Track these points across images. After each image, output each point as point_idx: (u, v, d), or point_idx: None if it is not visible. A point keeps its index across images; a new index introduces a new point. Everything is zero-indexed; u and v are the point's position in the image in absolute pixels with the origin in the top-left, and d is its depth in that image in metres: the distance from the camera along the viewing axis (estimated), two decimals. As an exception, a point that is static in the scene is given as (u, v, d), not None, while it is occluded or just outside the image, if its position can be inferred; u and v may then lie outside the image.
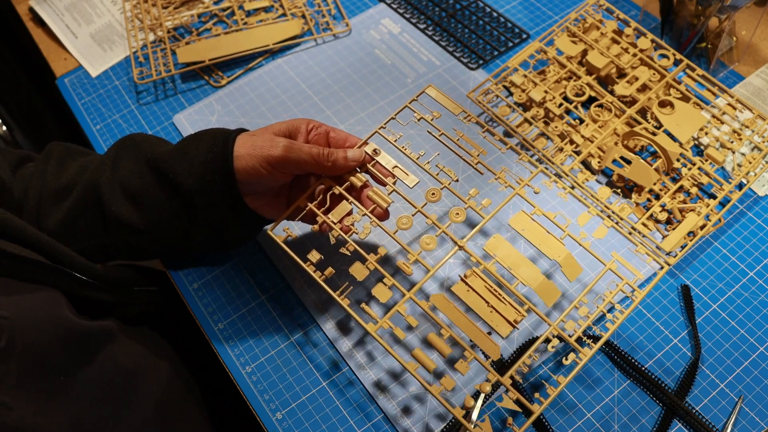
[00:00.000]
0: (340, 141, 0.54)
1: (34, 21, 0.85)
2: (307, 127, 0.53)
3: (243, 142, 0.50)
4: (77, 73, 0.79)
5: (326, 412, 0.53)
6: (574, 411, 0.52)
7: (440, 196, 0.53)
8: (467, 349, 0.47)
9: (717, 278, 0.57)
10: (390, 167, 0.53)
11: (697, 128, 0.61)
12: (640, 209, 0.60)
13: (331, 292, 0.50)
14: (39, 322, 0.43)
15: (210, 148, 0.50)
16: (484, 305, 0.48)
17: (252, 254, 0.62)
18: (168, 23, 0.80)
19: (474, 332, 0.47)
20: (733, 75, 0.70)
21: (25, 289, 0.44)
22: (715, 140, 0.62)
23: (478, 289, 0.49)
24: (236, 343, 0.57)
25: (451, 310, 0.48)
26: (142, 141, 0.54)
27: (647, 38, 0.66)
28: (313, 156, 0.50)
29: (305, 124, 0.53)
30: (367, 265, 0.50)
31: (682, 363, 0.53)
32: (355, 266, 0.50)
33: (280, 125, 0.52)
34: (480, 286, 0.49)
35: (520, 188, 0.54)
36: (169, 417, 0.54)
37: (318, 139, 0.53)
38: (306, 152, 0.50)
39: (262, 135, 0.50)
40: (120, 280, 0.57)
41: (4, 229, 0.45)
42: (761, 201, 0.61)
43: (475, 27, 0.77)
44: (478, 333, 0.47)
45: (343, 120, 0.70)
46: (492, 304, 0.48)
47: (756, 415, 0.50)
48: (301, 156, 0.49)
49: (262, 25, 0.79)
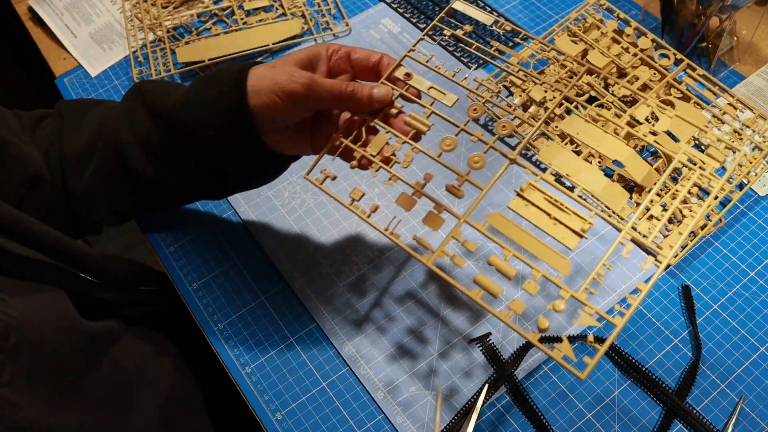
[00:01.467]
0: (363, 61, 0.50)
1: (34, 21, 0.85)
2: (327, 53, 0.49)
3: (260, 75, 0.46)
4: (77, 72, 0.79)
5: (326, 412, 0.53)
6: (575, 411, 0.51)
7: (482, 111, 0.48)
8: (534, 267, 0.43)
9: (718, 278, 0.57)
10: (425, 88, 0.50)
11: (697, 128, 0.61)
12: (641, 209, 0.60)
13: (380, 229, 0.45)
14: (46, 322, 0.43)
15: (223, 91, 0.47)
16: (546, 218, 0.44)
17: (252, 254, 0.62)
18: (168, 23, 0.80)
19: (539, 248, 0.43)
20: (733, 75, 0.70)
21: (31, 288, 0.44)
22: (716, 140, 0.62)
23: (537, 202, 0.45)
24: (236, 343, 0.57)
25: (511, 229, 0.44)
26: (150, 92, 0.51)
27: (648, 38, 0.66)
28: (334, 95, 0.47)
29: (325, 49, 0.49)
30: (414, 195, 0.46)
31: (682, 363, 0.53)
32: (401, 198, 0.46)
33: (300, 53, 0.48)
34: (539, 198, 0.45)
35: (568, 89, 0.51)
36: (171, 417, 0.54)
37: (340, 63, 0.50)
38: (327, 89, 0.46)
39: (282, 67, 0.47)
40: (125, 279, 0.57)
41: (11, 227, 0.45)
42: (762, 201, 0.61)
43: (475, 27, 0.77)
44: (544, 248, 0.43)
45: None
46: (554, 216, 0.44)
47: (757, 415, 0.50)
48: (322, 93, 0.46)
49: (262, 24, 0.78)
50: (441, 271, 0.44)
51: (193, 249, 0.62)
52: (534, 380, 0.53)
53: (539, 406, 0.52)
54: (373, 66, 0.51)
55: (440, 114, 0.49)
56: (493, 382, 0.52)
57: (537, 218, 0.45)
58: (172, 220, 0.64)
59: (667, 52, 0.65)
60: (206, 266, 0.61)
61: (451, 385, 0.53)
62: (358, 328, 0.56)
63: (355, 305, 0.58)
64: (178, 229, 0.64)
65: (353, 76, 0.52)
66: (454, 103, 0.49)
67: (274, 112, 0.46)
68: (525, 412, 0.51)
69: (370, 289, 0.58)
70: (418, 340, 0.55)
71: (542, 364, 0.54)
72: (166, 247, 0.63)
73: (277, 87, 0.45)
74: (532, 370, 0.53)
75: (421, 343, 0.55)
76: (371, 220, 0.46)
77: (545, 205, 0.45)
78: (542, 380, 0.53)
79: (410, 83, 0.50)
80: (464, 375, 0.53)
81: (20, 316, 0.40)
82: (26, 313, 0.41)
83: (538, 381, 0.53)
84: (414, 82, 0.50)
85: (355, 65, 0.51)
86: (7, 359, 0.38)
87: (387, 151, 0.48)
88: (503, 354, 0.54)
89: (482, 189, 0.46)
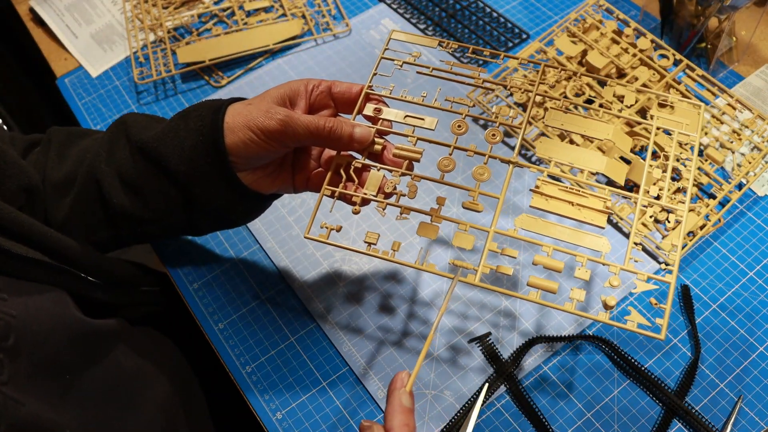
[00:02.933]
0: (344, 93, 0.49)
1: (35, 21, 0.85)
2: (307, 89, 0.48)
3: (236, 113, 0.46)
4: (77, 73, 0.79)
5: (326, 412, 0.53)
6: (574, 411, 0.52)
7: (466, 127, 0.48)
8: (577, 255, 0.44)
9: (717, 278, 0.57)
10: (401, 119, 0.48)
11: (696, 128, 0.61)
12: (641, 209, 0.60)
13: (413, 266, 0.44)
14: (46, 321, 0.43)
15: (198, 128, 0.46)
16: (569, 207, 0.45)
17: (252, 254, 0.62)
18: (168, 23, 0.80)
19: (575, 236, 0.44)
20: (732, 75, 0.70)
21: (32, 288, 0.44)
22: (715, 140, 0.63)
23: (554, 194, 0.46)
24: (236, 343, 0.57)
25: (541, 225, 0.45)
26: (132, 124, 0.50)
27: (647, 38, 0.66)
28: (311, 131, 0.45)
29: (304, 84, 0.48)
30: (433, 221, 0.45)
31: (681, 363, 0.53)
32: (422, 228, 0.45)
33: (278, 90, 0.47)
34: (554, 190, 0.46)
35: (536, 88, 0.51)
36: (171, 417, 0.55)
37: (321, 98, 0.49)
38: (304, 126, 0.45)
39: (258, 104, 0.46)
40: (126, 280, 0.57)
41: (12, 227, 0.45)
42: (761, 201, 0.61)
43: (475, 27, 0.77)
44: (578, 234, 0.44)
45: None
46: (576, 203, 0.45)
47: (755, 414, 0.50)
48: (299, 130, 0.45)
49: (262, 25, 0.79)
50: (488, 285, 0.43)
51: (193, 249, 0.62)
52: (534, 380, 0.53)
53: (539, 405, 0.52)
54: (355, 97, 0.49)
55: (426, 139, 0.48)
56: (493, 381, 0.52)
57: (561, 209, 0.46)
58: (173, 220, 0.64)
59: (667, 53, 0.66)
60: (206, 266, 0.61)
61: (451, 384, 0.53)
62: (358, 328, 0.56)
63: (355, 305, 0.58)
64: (179, 229, 0.64)
65: (336, 111, 0.51)
66: (435, 125, 0.48)
67: (249, 151, 0.45)
68: (525, 411, 0.52)
69: (370, 289, 0.58)
70: (418, 340, 0.56)
71: (542, 364, 0.54)
72: (166, 247, 0.63)
73: (253, 124, 0.44)
74: (531, 369, 0.54)
75: (421, 343, 0.55)
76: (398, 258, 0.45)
77: (564, 195, 0.46)
78: (542, 380, 0.53)
79: (382, 118, 0.48)
80: (464, 375, 0.54)
81: (20, 315, 0.40)
82: (26, 312, 0.41)
83: (538, 381, 0.53)
84: (386, 115, 0.48)
85: (336, 99, 0.50)
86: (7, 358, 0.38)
87: (387, 187, 0.46)
88: (503, 354, 0.54)
89: (498, 197, 0.46)
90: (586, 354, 0.54)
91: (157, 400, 0.53)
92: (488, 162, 0.47)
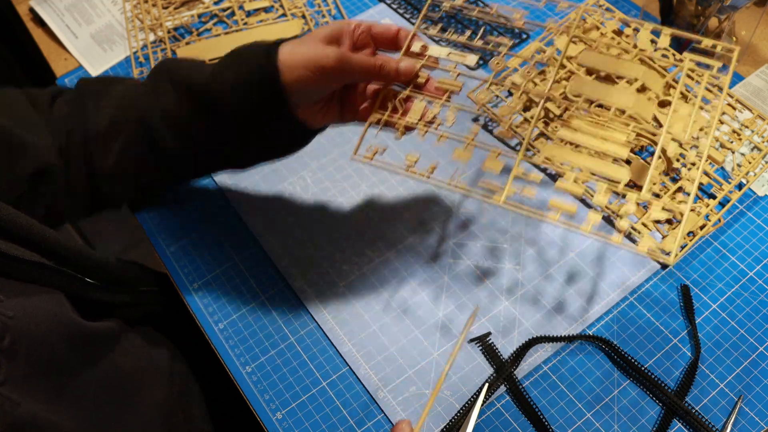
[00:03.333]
0: (383, 34, 0.53)
1: (35, 21, 0.85)
2: (350, 28, 0.52)
3: (291, 52, 0.48)
4: (77, 73, 0.79)
5: (326, 412, 0.53)
6: (574, 410, 0.52)
7: (504, 64, 0.53)
8: (599, 180, 0.47)
9: (717, 278, 0.57)
10: (445, 55, 0.53)
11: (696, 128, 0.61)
12: (640, 209, 0.60)
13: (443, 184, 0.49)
14: (43, 323, 0.43)
15: (254, 68, 0.48)
16: (593, 139, 0.49)
17: (252, 254, 0.62)
18: (168, 23, 0.80)
19: (597, 164, 0.48)
20: (732, 75, 0.70)
21: (29, 290, 0.44)
22: (715, 140, 0.63)
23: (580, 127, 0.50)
24: (236, 343, 0.57)
25: (567, 153, 0.49)
26: (178, 68, 0.52)
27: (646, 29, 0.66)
28: (365, 69, 0.50)
29: (347, 24, 0.52)
30: (467, 148, 0.50)
31: (681, 363, 0.53)
32: (456, 152, 0.49)
33: (325, 29, 0.51)
34: (580, 124, 0.50)
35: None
36: (171, 417, 0.55)
37: (362, 37, 0.52)
38: (358, 64, 0.49)
39: (309, 44, 0.49)
40: (125, 280, 0.57)
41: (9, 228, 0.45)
42: (761, 201, 0.61)
43: (475, 27, 0.77)
44: (601, 163, 0.48)
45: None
46: (600, 135, 0.49)
47: (756, 414, 0.50)
48: (354, 67, 0.49)
49: (263, 25, 0.79)
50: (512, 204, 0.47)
51: (193, 249, 0.62)
52: (534, 380, 0.53)
53: (539, 405, 0.52)
54: (392, 38, 0.54)
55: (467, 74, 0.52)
56: (493, 381, 0.52)
57: (586, 140, 0.50)
58: (172, 220, 0.64)
59: (666, 53, 0.66)
60: (206, 266, 0.61)
61: (450, 384, 0.53)
62: (358, 328, 0.56)
63: (355, 305, 0.58)
64: (178, 229, 0.64)
65: (374, 48, 0.54)
66: (476, 61, 0.53)
67: (306, 87, 0.48)
68: (525, 411, 0.52)
69: (370, 289, 0.58)
70: (418, 340, 0.56)
71: (542, 364, 0.54)
72: (166, 247, 0.63)
73: (310, 62, 0.47)
74: (531, 369, 0.54)
75: (421, 343, 0.55)
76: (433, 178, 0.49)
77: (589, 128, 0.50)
78: (542, 380, 0.53)
79: (428, 53, 0.53)
80: (464, 375, 0.54)
81: (17, 316, 0.40)
82: (23, 313, 0.41)
83: (538, 381, 0.53)
84: (431, 52, 0.53)
85: (375, 38, 0.53)
86: (4, 359, 0.38)
87: (428, 116, 0.51)
88: (503, 354, 0.54)
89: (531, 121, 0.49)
90: (586, 354, 0.54)
91: (156, 401, 0.53)
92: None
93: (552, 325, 0.55)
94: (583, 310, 0.56)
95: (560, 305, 0.56)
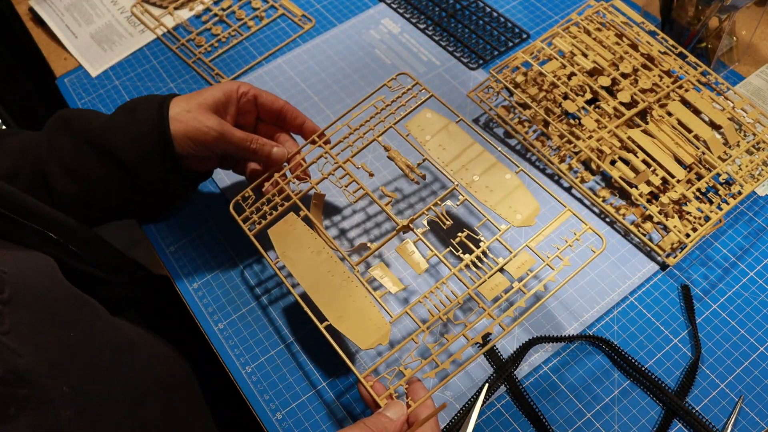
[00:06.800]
0: (267, 105, 0.58)
1: (34, 21, 0.85)
2: (237, 94, 0.57)
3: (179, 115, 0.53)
4: (77, 73, 0.79)
5: (326, 412, 0.53)
6: (574, 411, 0.52)
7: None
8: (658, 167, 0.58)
9: (717, 278, 0.57)
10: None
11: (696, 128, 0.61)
12: (640, 210, 0.60)
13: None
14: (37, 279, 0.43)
15: (147, 118, 0.53)
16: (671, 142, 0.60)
17: (252, 254, 0.62)
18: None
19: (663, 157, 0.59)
20: (733, 75, 0.70)
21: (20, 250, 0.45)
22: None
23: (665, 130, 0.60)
24: (236, 343, 0.57)
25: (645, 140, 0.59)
26: (75, 117, 0.56)
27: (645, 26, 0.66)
28: (240, 149, 0.55)
29: (236, 90, 0.56)
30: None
31: (682, 363, 0.53)
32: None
33: (213, 92, 0.55)
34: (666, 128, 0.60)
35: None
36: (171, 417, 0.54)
37: (247, 104, 0.58)
38: (234, 144, 0.54)
39: (195, 111, 0.53)
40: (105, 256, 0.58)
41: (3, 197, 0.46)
42: (761, 201, 0.61)
43: (475, 27, 0.77)
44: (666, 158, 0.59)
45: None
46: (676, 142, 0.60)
47: (756, 415, 0.50)
48: (230, 147, 0.54)
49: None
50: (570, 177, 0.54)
51: (193, 249, 0.62)
52: (534, 380, 0.53)
53: (539, 405, 0.52)
54: (276, 111, 0.59)
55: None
56: (493, 382, 0.52)
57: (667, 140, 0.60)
58: (172, 220, 0.64)
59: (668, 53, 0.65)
60: (206, 266, 0.61)
61: (451, 385, 0.53)
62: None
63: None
64: (178, 229, 0.64)
65: (256, 116, 0.60)
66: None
67: (187, 153, 0.54)
68: (525, 411, 0.52)
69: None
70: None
71: (542, 364, 0.54)
72: (166, 247, 0.63)
73: (191, 134, 0.53)
74: (531, 369, 0.53)
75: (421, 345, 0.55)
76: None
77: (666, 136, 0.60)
78: (542, 380, 0.53)
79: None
80: (464, 375, 0.54)
81: (11, 272, 0.40)
82: (17, 268, 0.41)
83: (538, 381, 0.53)
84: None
85: (260, 107, 0.59)
86: (6, 309, 0.38)
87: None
88: (503, 354, 0.54)
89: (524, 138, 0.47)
90: (586, 354, 0.54)
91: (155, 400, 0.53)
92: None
93: (552, 325, 0.55)
94: (583, 310, 0.56)
95: (560, 305, 0.56)
